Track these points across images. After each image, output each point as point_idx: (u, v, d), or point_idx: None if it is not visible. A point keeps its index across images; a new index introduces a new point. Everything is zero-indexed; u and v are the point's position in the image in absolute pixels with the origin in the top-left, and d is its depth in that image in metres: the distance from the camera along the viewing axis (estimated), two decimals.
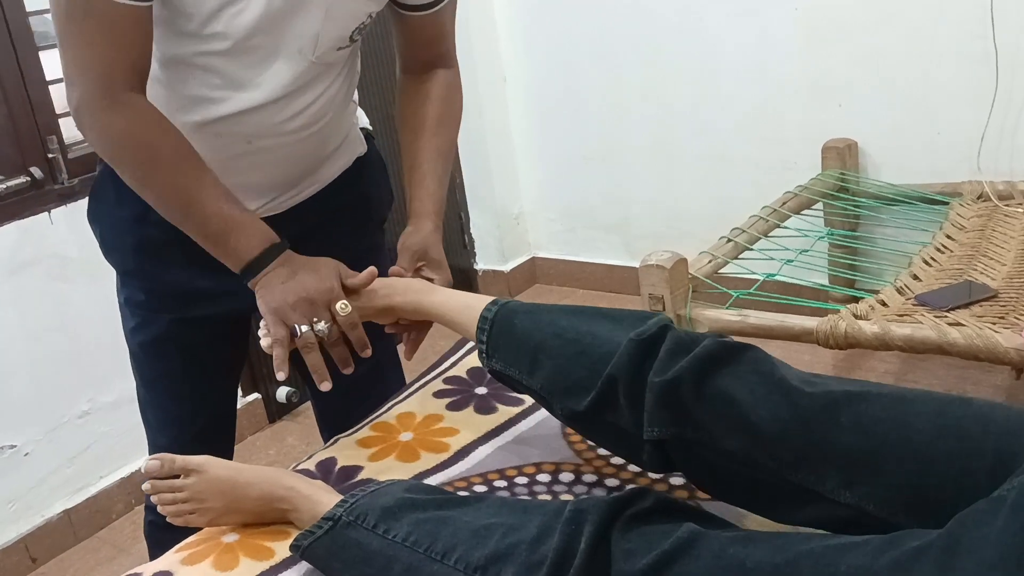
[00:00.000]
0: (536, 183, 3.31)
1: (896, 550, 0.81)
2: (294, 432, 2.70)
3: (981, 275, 2.00)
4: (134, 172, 1.21)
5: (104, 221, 1.40)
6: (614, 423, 1.07)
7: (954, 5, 2.37)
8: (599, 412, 1.07)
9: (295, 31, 1.20)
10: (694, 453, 1.01)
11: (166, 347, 1.42)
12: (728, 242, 2.22)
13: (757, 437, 0.96)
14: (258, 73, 1.22)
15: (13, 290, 2.16)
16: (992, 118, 2.37)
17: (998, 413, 0.90)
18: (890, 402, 0.94)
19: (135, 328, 1.44)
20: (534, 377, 1.14)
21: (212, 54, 1.19)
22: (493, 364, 1.18)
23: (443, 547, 0.99)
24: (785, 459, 0.94)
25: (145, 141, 1.18)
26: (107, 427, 2.36)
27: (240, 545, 1.15)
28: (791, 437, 0.94)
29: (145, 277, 1.39)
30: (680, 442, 1.01)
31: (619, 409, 1.06)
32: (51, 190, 2.20)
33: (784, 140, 2.72)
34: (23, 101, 2.13)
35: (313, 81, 1.27)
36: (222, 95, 1.22)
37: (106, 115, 1.15)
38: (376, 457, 1.32)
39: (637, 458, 1.09)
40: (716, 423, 0.98)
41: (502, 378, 1.21)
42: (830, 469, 0.92)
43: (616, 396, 1.05)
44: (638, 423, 1.03)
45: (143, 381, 1.48)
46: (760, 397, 0.97)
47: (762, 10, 2.64)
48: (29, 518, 2.25)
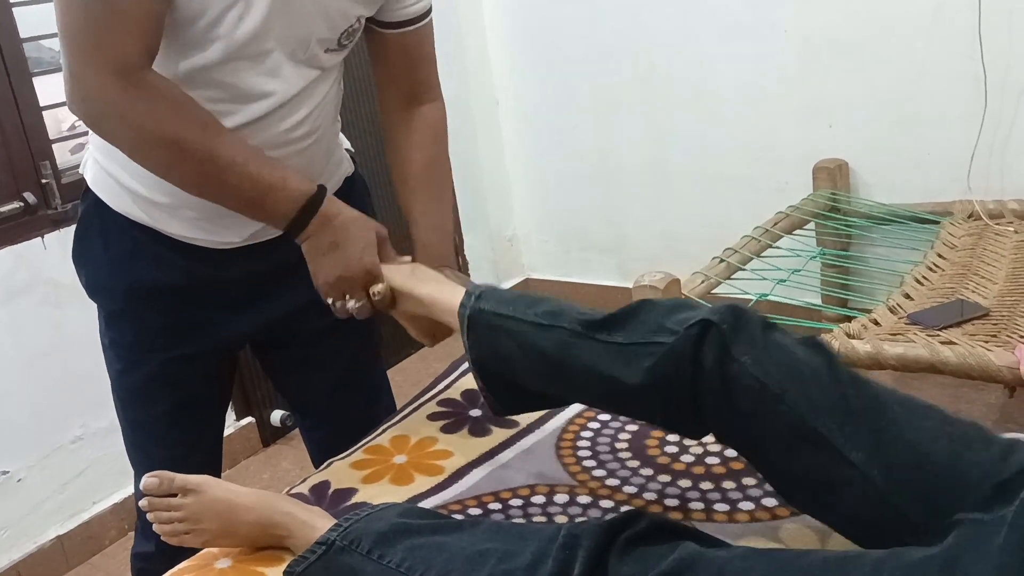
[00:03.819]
0: (530, 205, 3.32)
1: (897, 562, 0.82)
2: (288, 456, 2.69)
3: (973, 294, 2.01)
4: (160, 154, 1.18)
5: (90, 263, 1.37)
6: (623, 342, 1.06)
7: (943, 26, 2.39)
8: (614, 325, 1.07)
9: (290, 33, 1.20)
10: (729, 361, 0.98)
11: (156, 389, 1.39)
12: (721, 262, 2.22)
13: (797, 377, 0.96)
14: (259, 80, 1.22)
15: (6, 315, 2.16)
16: (982, 137, 2.39)
17: (1002, 438, 0.93)
18: (904, 402, 0.97)
19: (122, 371, 1.40)
20: (536, 307, 1.13)
21: (215, 65, 1.19)
22: (481, 304, 1.16)
23: (437, 573, 0.98)
24: (817, 403, 0.95)
25: (169, 119, 1.15)
26: (100, 453, 2.34)
27: (233, 571, 1.15)
28: (826, 390, 0.96)
29: (135, 319, 1.36)
30: (721, 344, 0.98)
31: (641, 324, 1.05)
32: (44, 215, 2.20)
33: (776, 161, 2.73)
34: (17, 126, 2.13)
35: (310, 88, 1.28)
36: (227, 108, 1.22)
37: (125, 99, 1.13)
38: (370, 480, 1.32)
39: (639, 367, 1.04)
40: (766, 351, 0.98)
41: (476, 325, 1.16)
42: (848, 426, 0.93)
43: (644, 313, 1.06)
44: (666, 326, 1.02)
45: (129, 424, 1.45)
46: (813, 360, 0.99)
47: (754, 32, 2.66)
48: (21, 545, 2.23)
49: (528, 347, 1.12)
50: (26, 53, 2.13)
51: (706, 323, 0.99)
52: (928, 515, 0.85)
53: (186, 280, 1.28)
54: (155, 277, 1.32)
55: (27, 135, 2.15)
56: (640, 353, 1.03)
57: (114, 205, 1.32)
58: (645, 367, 1.02)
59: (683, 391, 1.01)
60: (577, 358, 1.09)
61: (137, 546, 1.48)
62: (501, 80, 3.17)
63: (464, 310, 1.17)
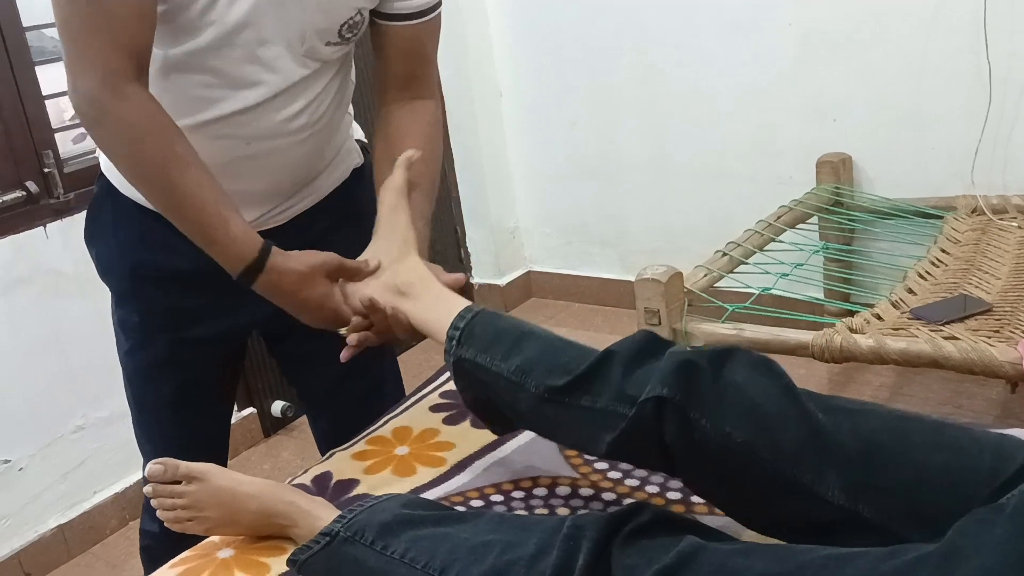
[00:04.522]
0: (532, 197, 3.32)
1: (897, 559, 0.82)
2: (289, 447, 2.69)
3: (976, 289, 2.00)
4: (125, 170, 1.21)
5: (101, 243, 1.39)
6: (588, 405, 1.04)
7: (947, 21, 2.38)
8: (577, 389, 1.05)
9: (284, 21, 1.20)
10: (689, 428, 0.97)
11: (162, 371, 1.41)
12: (724, 256, 2.22)
13: (761, 425, 0.95)
14: (254, 69, 1.22)
15: (8, 305, 2.16)
16: (985, 132, 2.38)
17: (992, 436, 0.93)
18: (889, 417, 0.95)
19: (129, 351, 1.42)
20: (509, 361, 1.10)
21: (207, 50, 1.19)
22: (462, 352, 1.14)
23: (441, 564, 0.98)
24: (786, 450, 0.94)
25: (144, 137, 1.16)
26: (101, 442, 2.35)
27: (236, 561, 1.15)
28: (794, 432, 0.94)
29: (141, 299, 1.38)
30: (680, 412, 0.97)
31: (605, 385, 1.03)
32: (46, 205, 2.20)
33: (779, 155, 2.73)
34: (19, 116, 2.13)
35: (309, 80, 1.27)
36: (220, 94, 1.22)
37: (115, 106, 1.14)
38: (372, 471, 1.32)
39: (601, 437, 1.04)
40: (724, 405, 0.97)
41: (461, 372, 1.15)
42: (827, 468, 0.92)
43: (607, 371, 1.04)
44: (626, 394, 1.01)
45: (136, 405, 1.46)
46: (771, 396, 0.97)
47: (757, 26, 2.65)
48: (23, 534, 2.23)
49: (505, 402, 1.14)
50: (28, 42, 2.13)
51: (659, 400, 0.98)
52: (928, 534, 0.84)
53: (191, 265, 1.28)
54: (160, 260, 1.33)
55: (29, 124, 2.15)
56: (604, 424, 1.03)
57: (124, 189, 1.34)
58: (608, 440, 1.03)
59: (652, 460, 1.05)
60: (548, 419, 1.10)
61: (144, 524, 1.49)
62: (504, 73, 3.17)
63: (448, 356, 1.16)
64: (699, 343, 1.96)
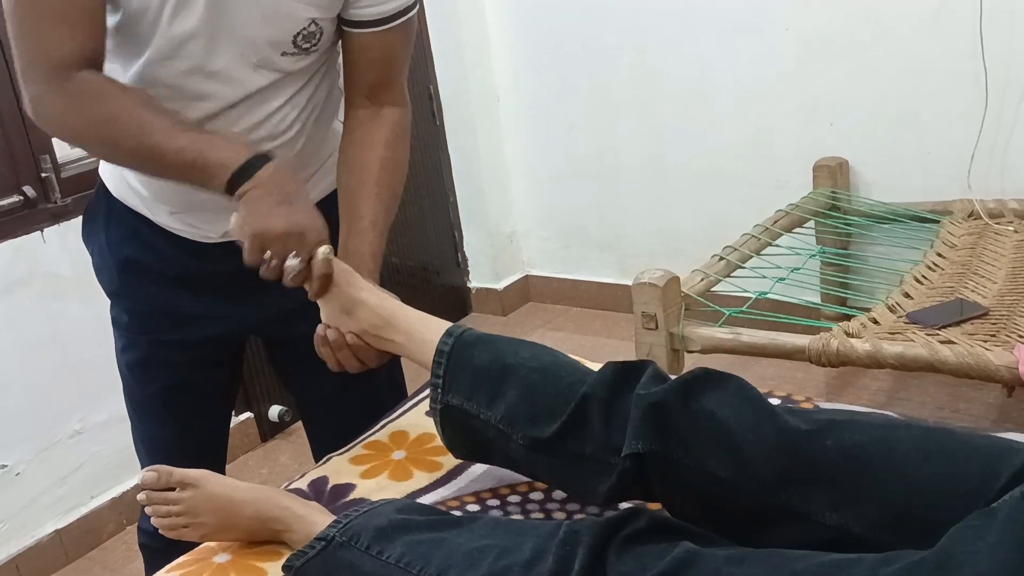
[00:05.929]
0: (530, 201, 3.32)
1: (891, 566, 0.82)
2: (286, 451, 2.69)
3: (972, 293, 2.01)
4: (101, 150, 1.21)
5: (95, 242, 1.41)
6: (577, 452, 1.06)
7: (944, 25, 2.39)
8: (563, 439, 1.06)
9: (230, 33, 1.19)
10: (674, 474, 1.00)
11: (147, 370, 1.42)
12: (720, 260, 2.23)
13: (742, 457, 0.96)
14: (203, 80, 1.21)
15: (5, 309, 2.15)
16: (982, 137, 2.39)
17: (979, 440, 0.93)
18: (874, 429, 0.95)
19: (122, 349, 1.44)
20: (494, 408, 1.12)
21: (156, 63, 1.19)
22: (449, 399, 1.15)
23: (436, 569, 0.98)
24: (769, 479, 0.95)
25: (99, 115, 1.15)
26: (99, 447, 2.35)
27: (232, 565, 1.15)
28: (776, 458, 0.95)
29: (129, 298, 1.40)
30: (661, 461, 1.00)
31: (588, 432, 1.05)
32: (44, 209, 2.20)
33: (776, 159, 2.73)
34: (17, 120, 2.13)
35: (269, 90, 1.26)
36: (178, 106, 1.21)
37: (54, 99, 1.14)
38: (368, 475, 1.32)
39: (597, 488, 1.05)
40: (702, 442, 0.98)
41: (450, 419, 1.16)
42: (815, 490, 0.93)
43: (587, 417, 1.05)
44: (611, 443, 1.03)
45: (129, 404, 1.48)
46: (746, 419, 0.98)
47: (755, 30, 2.66)
48: (20, 538, 2.23)
49: (495, 453, 1.16)
50: None
51: (637, 456, 1.00)
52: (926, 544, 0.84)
53: (177, 270, 1.29)
54: (147, 262, 1.34)
55: (27, 129, 2.15)
56: (597, 472, 1.05)
57: (115, 192, 1.35)
58: (600, 491, 1.05)
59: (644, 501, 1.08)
60: (537, 467, 1.14)
61: (142, 522, 1.50)
62: (502, 76, 3.17)
63: (435, 405, 1.16)
64: (696, 347, 1.96)
